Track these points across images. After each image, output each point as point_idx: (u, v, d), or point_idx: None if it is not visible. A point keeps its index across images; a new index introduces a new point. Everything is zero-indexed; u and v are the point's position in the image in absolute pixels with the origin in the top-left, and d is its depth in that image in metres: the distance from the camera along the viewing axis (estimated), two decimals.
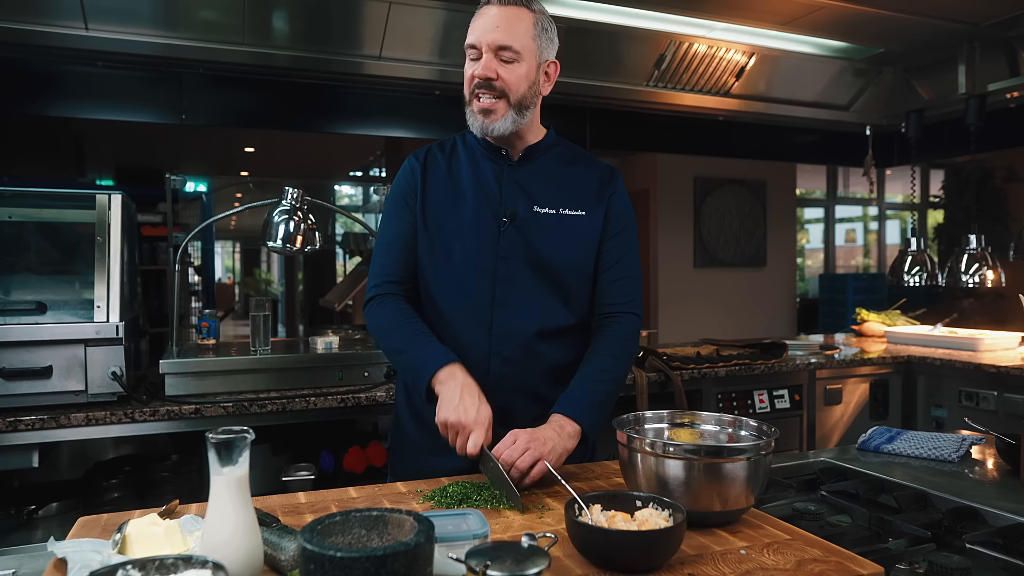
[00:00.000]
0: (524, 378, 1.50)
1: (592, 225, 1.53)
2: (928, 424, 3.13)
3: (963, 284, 3.38)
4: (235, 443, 0.86)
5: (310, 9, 2.59)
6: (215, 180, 8.36)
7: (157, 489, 2.21)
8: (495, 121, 1.46)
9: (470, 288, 1.48)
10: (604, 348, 1.50)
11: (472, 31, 1.46)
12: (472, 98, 1.48)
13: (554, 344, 1.51)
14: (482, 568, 0.76)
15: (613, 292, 1.54)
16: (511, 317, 1.47)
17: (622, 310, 1.54)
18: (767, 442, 1.13)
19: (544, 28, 1.48)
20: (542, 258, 1.49)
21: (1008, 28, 2.97)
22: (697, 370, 2.73)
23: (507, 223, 1.48)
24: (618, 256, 1.55)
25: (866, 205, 10.01)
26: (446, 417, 1.32)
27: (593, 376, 1.46)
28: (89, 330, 1.94)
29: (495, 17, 1.43)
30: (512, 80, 1.45)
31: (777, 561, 0.99)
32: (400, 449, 1.62)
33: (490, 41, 1.43)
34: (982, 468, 1.61)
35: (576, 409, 1.40)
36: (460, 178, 1.53)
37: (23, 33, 2.37)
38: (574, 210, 1.52)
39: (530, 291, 1.48)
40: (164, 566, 0.74)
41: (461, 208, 1.50)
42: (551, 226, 1.50)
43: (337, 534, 0.83)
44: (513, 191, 1.51)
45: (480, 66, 1.44)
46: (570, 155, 1.60)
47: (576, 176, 1.56)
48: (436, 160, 1.56)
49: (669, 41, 3.04)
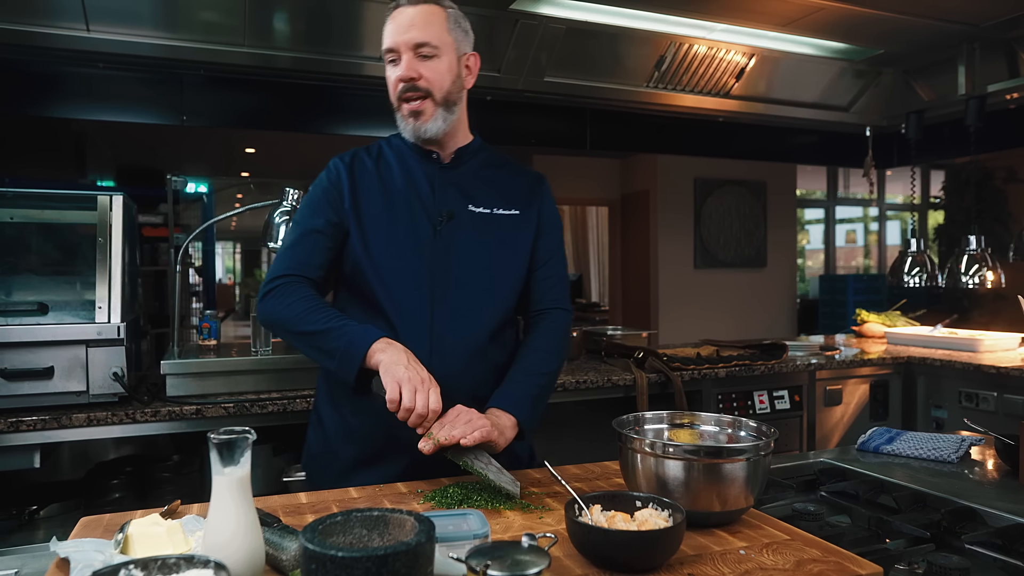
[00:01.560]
0: (465, 377, 1.48)
1: (525, 225, 1.55)
2: (928, 425, 3.13)
3: (963, 285, 3.39)
4: (237, 443, 0.87)
5: (311, 10, 2.60)
6: (216, 181, 8.38)
7: (158, 490, 2.22)
8: (426, 122, 1.47)
9: (408, 290, 1.46)
10: (538, 343, 1.53)
11: (387, 35, 1.46)
12: (399, 103, 1.48)
13: (495, 343, 1.52)
14: (482, 568, 0.77)
15: (544, 290, 1.57)
16: (450, 317, 1.46)
17: (553, 306, 1.57)
18: (766, 443, 1.14)
19: (457, 22, 1.49)
20: (478, 257, 1.49)
21: (1008, 29, 2.97)
22: (697, 371, 2.73)
23: (443, 223, 1.48)
24: (548, 256, 1.58)
25: (866, 206, 10.02)
26: (401, 375, 1.26)
27: (528, 370, 1.48)
28: (90, 331, 1.95)
29: (409, 17, 1.44)
30: (435, 77, 1.45)
31: (776, 561, 0.99)
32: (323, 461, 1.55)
33: (407, 40, 1.43)
34: (981, 469, 1.61)
35: (512, 403, 1.42)
36: (390, 180, 1.52)
37: (24, 34, 2.37)
38: (508, 210, 1.53)
39: (468, 290, 1.48)
40: (166, 566, 0.74)
41: (394, 210, 1.49)
42: (486, 225, 1.51)
43: (338, 534, 0.84)
44: (447, 191, 1.51)
45: (402, 68, 1.44)
46: (498, 159, 1.62)
47: (507, 178, 1.58)
48: (363, 163, 1.54)
49: (669, 42, 3.04)
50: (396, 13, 1.45)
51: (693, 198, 7.02)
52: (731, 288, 7.19)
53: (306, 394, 2.13)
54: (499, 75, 2.94)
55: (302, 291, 1.43)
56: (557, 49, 2.92)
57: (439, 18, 1.45)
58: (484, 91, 3.06)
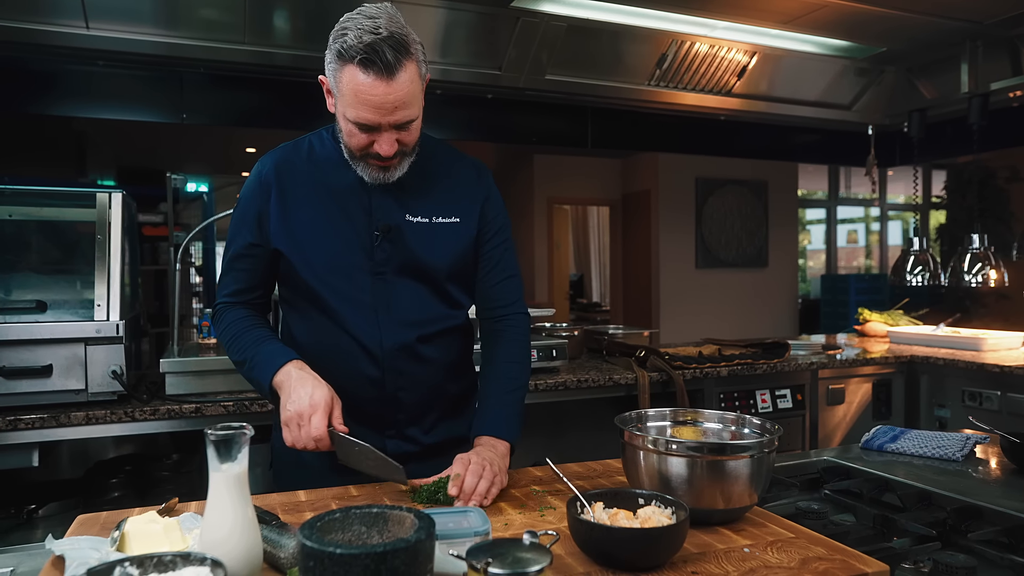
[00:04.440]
0: (418, 388, 1.47)
1: (467, 230, 1.48)
2: (931, 424, 3.12)
3: (966, 284, 3.38)
4: (234, 439, 0.86)
5: (311, 8, 2.59)
6: (216, 180, 8.36)
7: (157, 488, 2.21)
8: (394, 173, 1.37)
9: (354, 304, 1.42)
10: (507, 355, 1.50)
11: (360, 106, 1.26)
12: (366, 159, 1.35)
13: (442, 347, 1.49)
14: (483, 565, 0.76)
15: (499, 293, 1.53)
16: (396, 330, 1.43)
17: (511, 311, 1.54)
18: (770, 440, 1.12)
19: (422, 58, 1.31)
20: (420, 266, 1.44)
21: (1011, 27, 2.96)
22: (699, 370, 2.72)
23: (379, 237, 1.41)
24: (498, 257, 1.53)
25: (868, 206, 10.01)
26: (284, 417, 1.25)
27: (506, 387, 1.46)
28: (89, 329, 1.94)
29: (394, 98, 1.25)
30: (412, 139, 1.35)
31: (781, 559, 0.98)
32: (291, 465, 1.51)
33: (393, 120, 1.28)
34: (986, 467, 1.60)
35: (503, 428, 1.40)
36: (325, 187, 1.42)
37: (24, 32, 2.37)
38: (448, 218, 1.46)
39: (413, 300, 1.44)
40: (162, 563, 0.73)
41: (331, 221, 1.41)
42: (426, 235, 1.44)
43: (337, 531, 0.83)
44: (384, 201, 1.41)
45: (384, 145, 1.30)
46: (439, 158, 1.50)
47: (447, 182, 1.48)
48: (293, 167, 1.43)
49: (671, 40, 3.03)
50: (374, 87, 1.24)
51: (694, 198, 7.01)
52: (732, 288, 7.18)
53: None
54: (500, 73, 2.93)
55: (231, 315, 1.45)
56: (558, 47, 2.91)
57: (416, 78, 1.28)
58: (485, 89, 3.05)
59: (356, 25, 1.24)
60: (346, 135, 1.34)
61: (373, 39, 1.22)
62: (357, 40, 1.22)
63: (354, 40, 1.23)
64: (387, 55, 1.22)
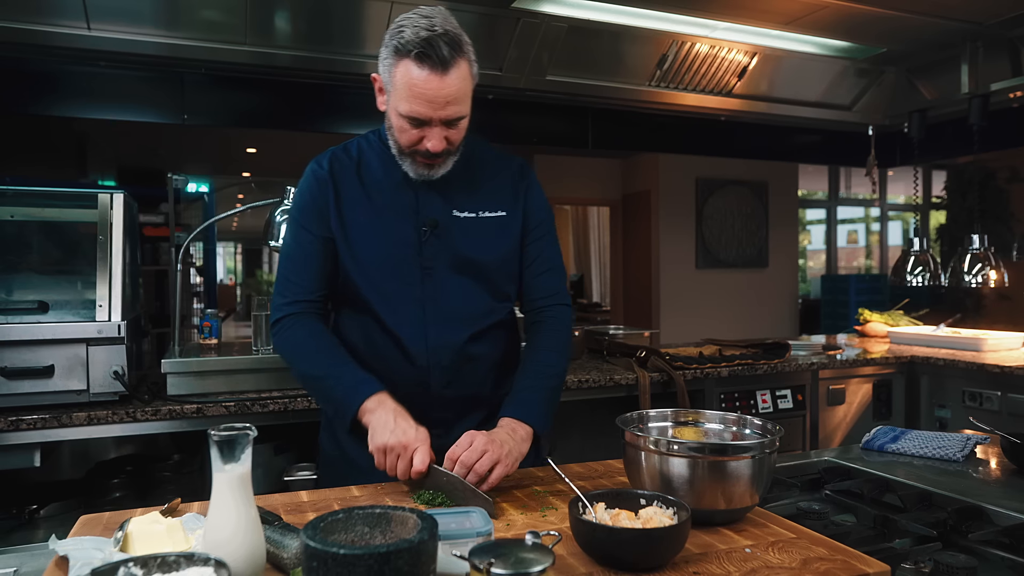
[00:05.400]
0: (465, 385, 1.48)
1: (512, 223, 1.51)
2: (932, 424, 3.12)
3: (966, 284, 3.38)
4: (237, 440, 0.86)
5: (312, 9, 2.59)
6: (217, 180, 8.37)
7: (159, 489, 2.21)
8: (439, 170, 1.42)
9: (401, 301, 1.44)
10: (543, 343, 1.50)
11: (414, 100, 1.30)
12: (414, 155, 1.39)
13: (489, 343, 1.51)
14: (486, 566, 0.76)
15: (541, 286, 1.54)
16: (445, 327, 1.45)
17: (552, 302, 1.54)
18: (771, 440, 1.13)
19: (473, 59, 1.36)
20: (468, 261, 1.46)
21: (1011, 27, 2.96)
22: (700, 370, 2.72)
23: (427, 232, 1.44)
24: (540, 250, 1.54)
25: (868, 206, 10.00)
26: (384, 441, 1.26)
27: (538, 373, 1.45)
28: (91, 329, 1.94)
29: (447, 93, 1.30)
30: (460, 138, 1.39)
31: (782, 560, 0.98)
32: (337, 465, 1.54)
33: (444, 116, 1.33)
34: (987, 467, 1.60)
35: (526, 411, 1.39)
36: (373, 186, 1.47)
37: (25, 33, 2.37)
38: (493, 211, 1.49)
39: (459, 296, 1.46)
40: (166, 564, 0.73)
41: (379, 219, 1.45)
42: (473, 229, 1.47)
43: (340, 531, 0.83)
44: (430, 198, 1.45)
45: (433, 140, 1.34)
46: (481, 155, 1.54)
47: (491, 177, 1.52)
48: (344, 167, 1.48)
49: (671, 41, 3.04)
50: (427, 80, 1.29)
51: (695, 198, 7.01)
52: (733, 288, 7.18)
53: (307, 393, 2.12)
54: (500, 74, 2.93)
55: (306, 328, 1.44)
56: (559, 48, 2.91)
57: (468, 76, 1.33)
58: (486, 90, 3.05)
59: (413, 23, 1.30)
60: (397, 131, 1.38)
61: (429, 35, 1.28)
62: (414, 35, 1.28)
63: (411, 36, 1.28)
64: (442, 50, 1.28)
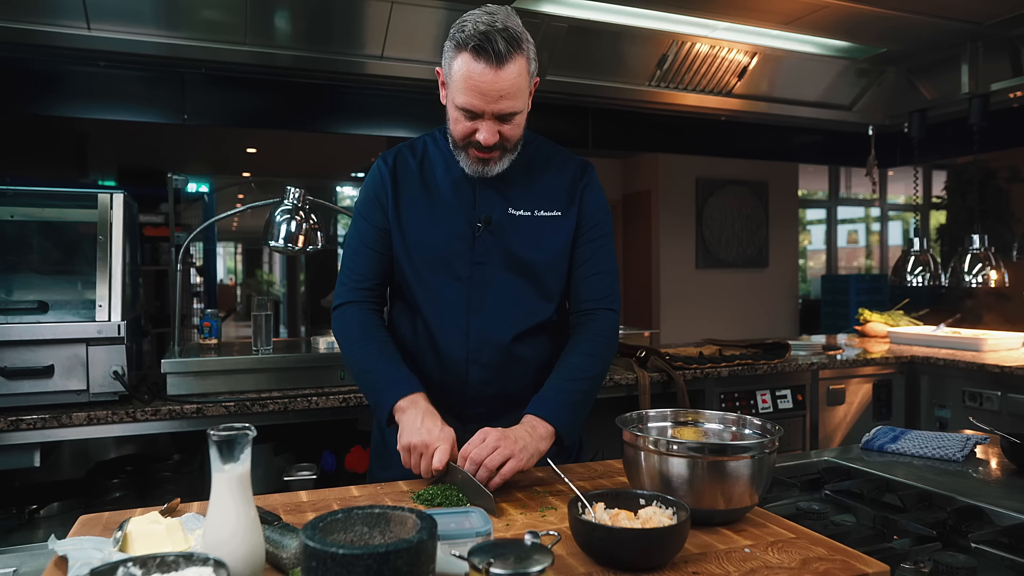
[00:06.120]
0: (503, 383, 1.49)
1: (567, 224, 1.51)
2: (932, 424, 3.12)
3: (966, 284, 3.38)
4: (237, 440, 0.86)
5: (312, 9, 2.59)
6: (217, 180, 8.37)
7: (159, 489, 2.21)
8: (494, 167, 1.44)
9: (445, 295, 1.47)
10: (580, 346, 1.48)
11: (468, 92, 1.33)
12: (468, 149, 1.42)
13: (532, 345, 1.51)
14: (485, 566, 0.76)
15: (588, 289, 1.53)
16: (487, 323, 1.46)
17: (598, 306, 1.52)
18: (771, 440, 1.13)
19: (532, 57, 1.38)
20: (519, 259, 1.47)
21: (1011, 27, 2.96)
22: (700, 370, 2.72)
23: (481, 228, 1.46)
24: (591, 252, 1.53)
25: (868, 206, 10.00)
26: (408, 440, 1.30)
27: (568, 375, 1.44)
28: (91, 329, 1.94)
29: (501, 86, 1.32)
30: (514, 134, 1.41)
31: (782, 560, 0.98)
32: (383, 452, 1.58)
33: (496, 110, 1.35)
34: (987, 467, 1.60)
35: (549, 410, 1.38)
36: (433, 182, 1.51)
37: (25, 33, 2.37)
38: (549, 211, 1.50)
39: (506, 294, 1.47)
40: (165, 564, 0.73)
41: (435, 213, 1.49)
42: (526, 228, 1.48)
43: (339, 531, 0.83)
44: (487, 194, 1.48)
45: (484, 132, 1.37)
46: (543, 154, 1.55)
47: (550, 177, 1.53)
48: (407, 163, 1.53)
49: (671, 41, 3.04)
50: (483, 73, 1.31)
51: (695, 198, 7.01)
52: (733, 288, 7.18)
53: (307, 393, 2.13)
54: None
55: (356, 318, 1.49)
56: (559, 48, 2.91)
57: (524, 72, 1.35)
58: None
59: (475, 19, 1.33)
60: (452, 122, 1.41)
61: (488, 29, 1.31)
62: (474, 29, 1.32)
63: (471, 30, 1.32)
64: (499, 45, 1.30)
